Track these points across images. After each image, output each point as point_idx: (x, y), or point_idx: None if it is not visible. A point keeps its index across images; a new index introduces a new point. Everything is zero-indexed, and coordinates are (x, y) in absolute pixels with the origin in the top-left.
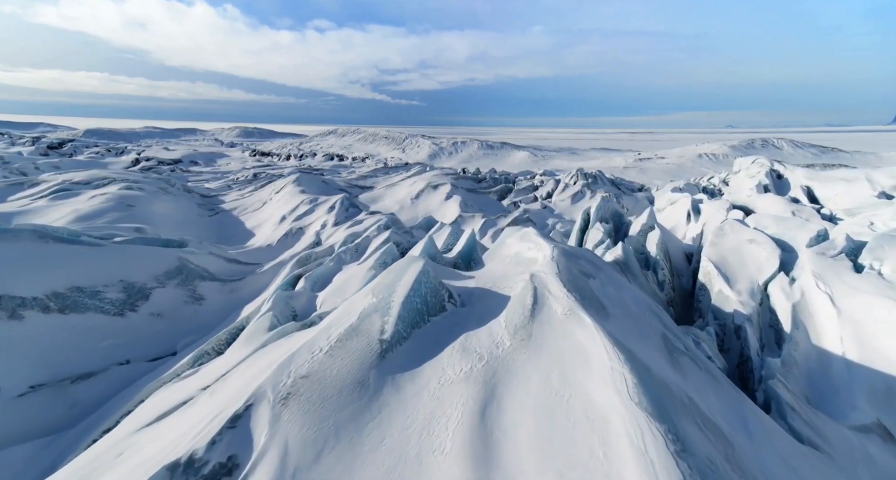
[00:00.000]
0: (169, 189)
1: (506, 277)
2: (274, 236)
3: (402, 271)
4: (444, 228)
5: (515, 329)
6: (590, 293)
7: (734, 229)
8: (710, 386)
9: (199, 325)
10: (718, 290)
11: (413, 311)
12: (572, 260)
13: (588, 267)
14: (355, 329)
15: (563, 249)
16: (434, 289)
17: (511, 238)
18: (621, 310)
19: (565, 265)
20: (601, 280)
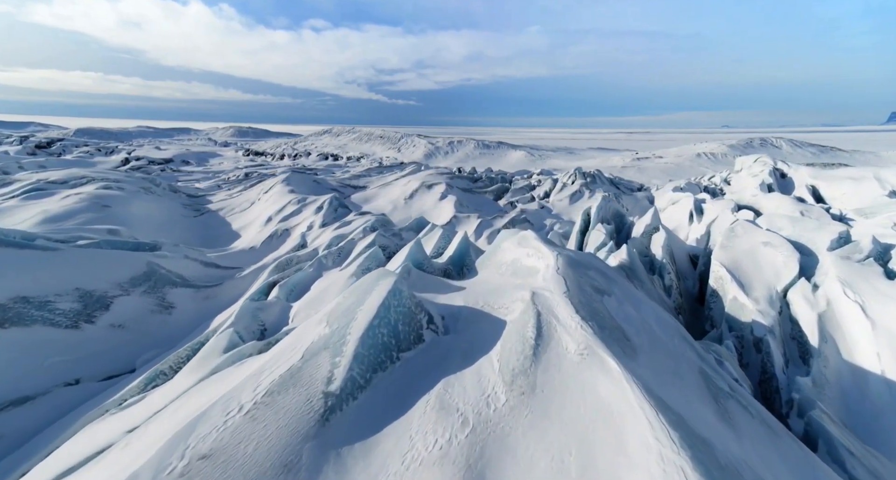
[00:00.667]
0: (153, 189)
1: (501, 291)
2: (259, 237)
3: (367, 291)
4: (435, 230)
5: (513, 376)
6: (607, 319)
7: (746, 230)
8: (770, 445)
9: (166, 336)
10: (733, 297)
11: (377, 347)
12: (581, 272)
13: (600, 280)
14: (295, 375)
15: (568, 257)
16: (408, 314)
17: (507, 242)
18: (648, 340)
19: (574, 280)
20: (617, 297)
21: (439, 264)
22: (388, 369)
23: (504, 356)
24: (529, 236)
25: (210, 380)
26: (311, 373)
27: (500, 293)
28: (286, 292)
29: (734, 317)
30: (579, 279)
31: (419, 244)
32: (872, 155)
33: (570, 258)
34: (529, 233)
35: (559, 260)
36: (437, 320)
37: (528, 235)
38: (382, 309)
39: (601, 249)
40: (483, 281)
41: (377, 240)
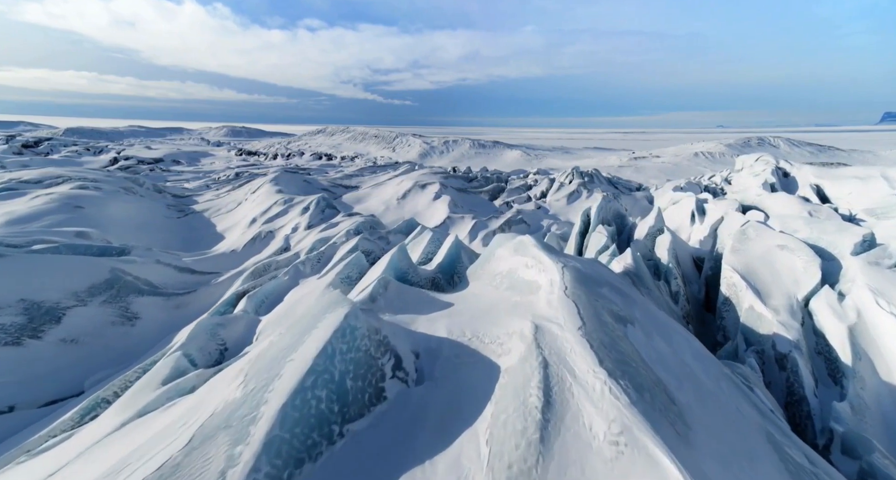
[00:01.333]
0: (134, 189)
1: (495, 313)
2: (241, 240)
3: (307, 330)
4: (425, 233)
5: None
6: (641, 369)
7: (759, 232)
8: None
9: (127, 351)
10: (749, 306)
11: (307, 422)
12: (593, 291)
13: (618, 301)
14: (171, 477)
15: (575, 269)
16: (363, 361)
17: (503, 249)
18: (695, 394)
19: (588, 305)
20: (643, 326)
21: (427, 272)
22: (321, 456)
23: (497, 435)
24: (528, 242)
25: (127, 429)
26: (191, 476)
27: (494, 317)
28: (256, 304)
29: (751, 329)
30: (594, 304)
31: (403, 251)
32: (871, 154)
33: (578, 272)
34: (527, 239)
35: (565, 275)
36: (407, 362)
37: (525, 241)
38: (322, 360)
39: (603, 252)
40: (474, 296)
41: (360, 244)
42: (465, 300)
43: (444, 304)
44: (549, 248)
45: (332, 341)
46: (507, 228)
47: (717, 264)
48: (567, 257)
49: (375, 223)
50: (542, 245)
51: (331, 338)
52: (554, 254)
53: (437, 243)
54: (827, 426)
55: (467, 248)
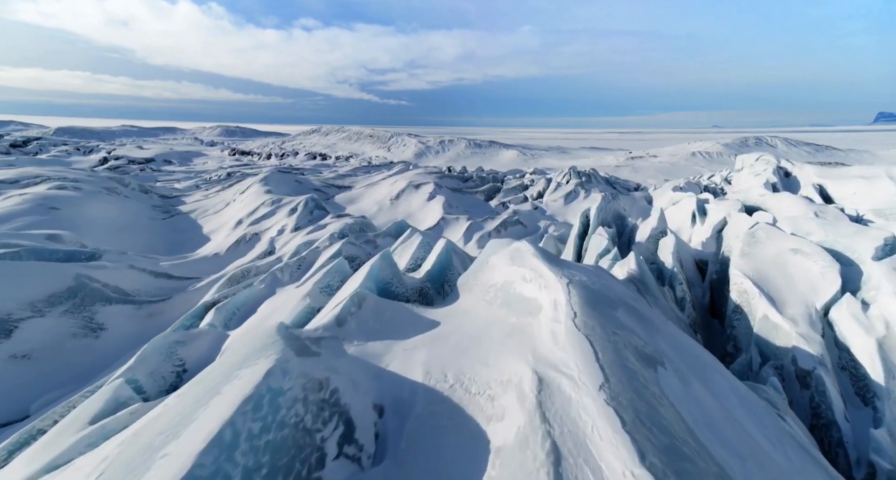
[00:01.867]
0: (118, 189)
1: (486, 341)
2: (226, 242)
3: (207, 396)
4: (414, 236)
5: None
6: (693, 449)
7: (770, 235)
8: None
9: (86, 367)
10: (763, 316)
11: None
12: (609, 318)
13: (639, 331)
14: None
15: (583, 286)
16: (291, 442)
17: (497, 257)
18: (761, 475)
19: (606, 343)
20: (675, 366)
21: (414, 281)
22: None
23: None
24: (525, 250)
25: None
26: None
27: (485, 349)
28: (225, 316)
29: (767, 340)
30: (613, 339)
31: (386, 259)
32: (868, 154)
33: (586, 289)
34: (525, 246)
35: (572, 294)
36: (363, 429)
37: (523, 249)
38: (212, 455)
39: (604, 256)
40: (464, 313)
41: (343, 249)
42: (453, 319)
43: (429, 323)
44: (549, 256)
45: (234, 420)
46: (503, 229)
47: (722, 268)
48: (570, 268)
49: (365, 225)
50: (541, 253)
51: (233, 416)
52: (555, 264)
53: (427, 247)
54: (865, 457)
55: (461, 252)
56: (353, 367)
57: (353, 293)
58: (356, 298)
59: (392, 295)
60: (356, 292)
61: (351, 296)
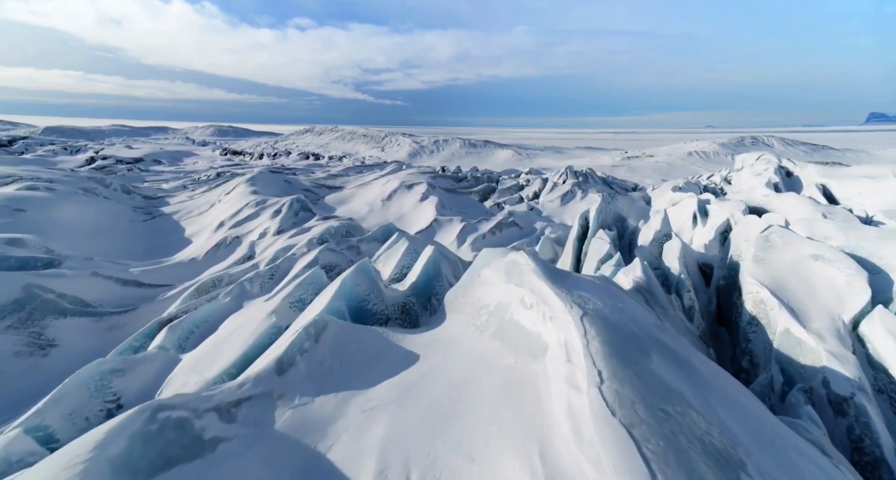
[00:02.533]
0: (97, 190)
1: (472, 396)
2: (205, 246)
3: None
4: (400, 242)
5: None
6: None
7: (786, 239)
8: None
9: (29, 390)
10: (784, 329)
11: None
12: (649, 381)
13: (692, 399)
14: None
15: (605, 322)
16: None
17: (491, 269)
18: None
19: (653, 431)
20: (755, 462)
21: (397, 294)
22: None
23: None
24: (523, 264)
25: None
26: None
27: (469, 422)
28: (180, 335)
29: (790, 357)
30: (667, 428)
31: (362, 272)
32: (865, 153)
33: (607, 325)
34: (522, 258)
35: (591, 337)
36: None
37: (520, 261)
38: None
39: (606, 261)
40: (447, 347)
41: (321, 257)
42: (435, 355)
43: (404, 359)
44: (552, 272)
45: None
46: (498, 231)
47: (731, 274)
48: (579, 287)
49: (353, 228)
50: (542, 269)
51: None
52: (561, 285)
53: (413, 254)
54: None
55: (453, 257)
56: (265, 469)
57: (309, 322)
58: (313, 328)
59: (369, 314)
60: (315, 319)
61: (306, 327)
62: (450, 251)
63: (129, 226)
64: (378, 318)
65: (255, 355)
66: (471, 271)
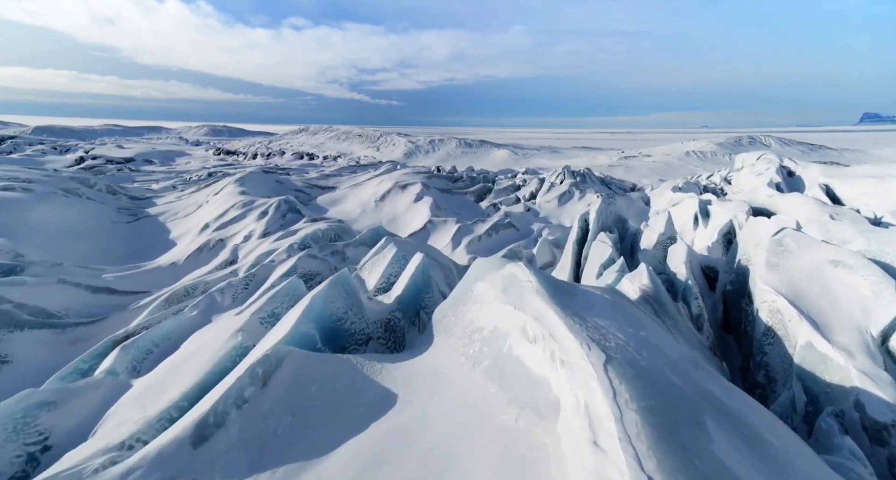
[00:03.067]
0: (79, 190)
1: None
2: (186, 250)
3: None
4: (388, 248)
5: None
6: None
7: (802, 243)
8: None
9: None
10: (806, 343)
11: None
12: (710, 471)
13: None
14: None
15: (637, 372)
16: None
17: (485, 284)
18: None
19: None
20: None
21: (380, 309)
22: None
23: None
24: (524, 280)
25: None
26: None
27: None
28: (135, 357)
29: (814, 375)
30: None
31: (338, 286)
32: (862, 153)
33: (643, 378)
34: (522, 273)
35: (625, 406)
36: None
37: (520, 276)
38: None
39: (609, 266)
40: (431, 384)
41: (299, 265)
42: (416, 395)
43: (375, 403)
44: (558, 291)
45: None
46: (494, 233)
47: (739, 279)
48: (591, 311)
49: (342, 230)
50: (547, 288)
51: None
52: (571, 312)
53: (402, 262)
54: None
55: (446, 262)
56: None
57: (258, 360)
58: (260, 368)
59: (346, 335)
60: (266, 354)
61: (252, 367)
62: (443, 255)
63: (112, 228)
64: (357, 338)
65: (213, 382)
66: (463, 284)
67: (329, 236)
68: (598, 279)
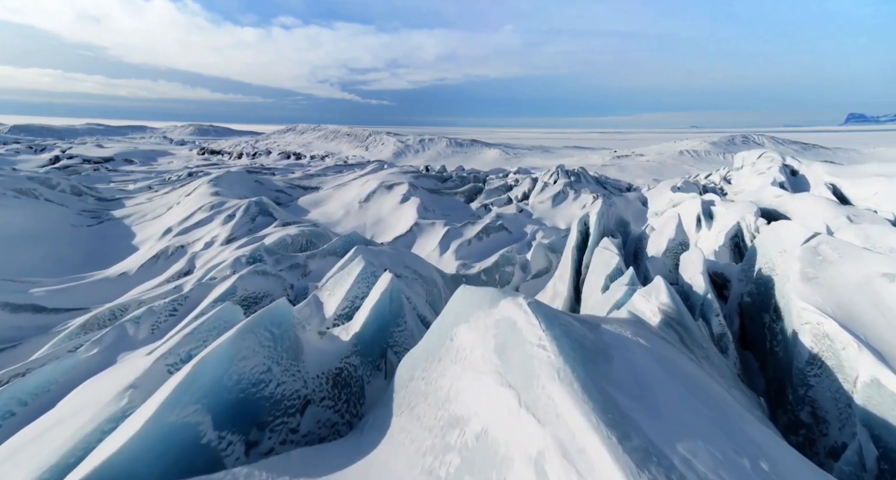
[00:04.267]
0: (37, 191)
1: None
2: (141, 258)
3: None
4: (355, 262)
5: None
6: None
7: (845, 253)
8: None
9: None
10: (872, 380)
11: None
12: None
13: None
14: None
15: None
16: None
17: (469, 331)
18: None
19: None
20: None
21: (330, 353)
22: None
23: None
24: (529, 335)
25: None
26: None
27: None
28: None
29: (886, 421)
30: None
31: (258, 331)
32: (855, 152)
33: None
34: (524, 317)
35: None
36: None
37: (522, 327)
38: None
39: (617, 279)
40: None
41: (242, 285)
42: None
43: None
44: (587, 359)
45: None
46: (485, 236)
47: (761, 290)
48: (664, 424)
49: (316, 236)
50: (570, 357)
51: None
52: (633, 439)
53: (371, 278)
54: None
55: (429, 275)
56: None
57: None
58: None
59: (267, 404)
60: (154, 427)
61: None
62: (427, 266)
63: (71, 232)
64: (286, 406)
65: (69, 467)
66: (440, 325)
67: (300, 242)
68: (604, 293)
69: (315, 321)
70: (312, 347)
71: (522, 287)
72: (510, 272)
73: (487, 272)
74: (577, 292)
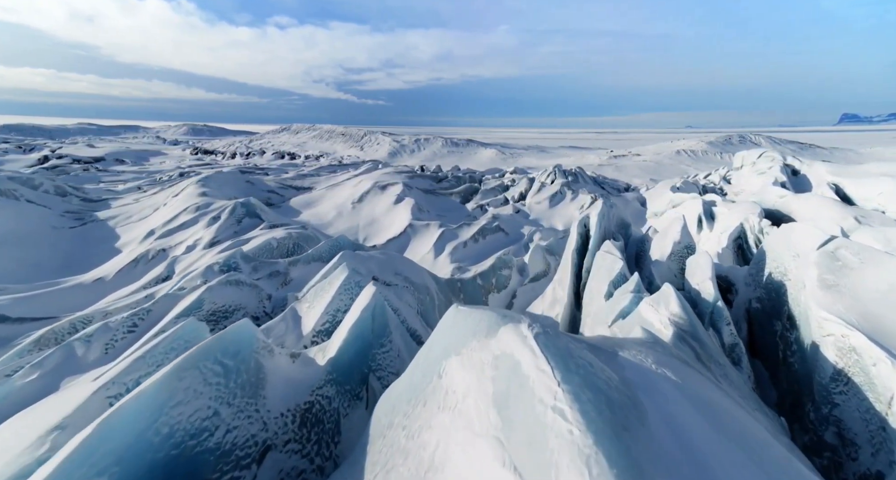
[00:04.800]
0: (17, 192)
1: None
2: (120, 262)
3: None
4: (337, 271)
5: None
6: None
7: (867, 258)
8: None
9: None
10: None
11: None
12: None
13: None
14: None
15: None
16: None
17: (460, 367)
18: None
19: None
20: None
21: (299, 383)
22: None
23: None
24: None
25: None
26: None
27: None
28: None
29: None
30: None
31: (199, 366)
32: (852, 152)
33: None
34: (530, 359)
35: None
36: None
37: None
38: None
39: (621, 285)
40: None
41: (211, 297)
42: None
43: None
44: (611, 418)
45: None
46: (481, 237)
47: (771, 296)
48: None
49: (305, 239)
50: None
51: None
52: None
53: (355, 289)
54: None
55: (421, 280)
56: None
57: None
58: None
59: (211, 458)
60: None
61: None
62: (419, 271)
63: (51, 234)
64: (238, 456)
65: None
66: (427, 356)
67: (286, 246)
68: (607, 300)
69: (290, 338)
70: (279, 377)
71: (520, 291)
72: (507, 276)
73: (483, 276)
74: (578, 297)
